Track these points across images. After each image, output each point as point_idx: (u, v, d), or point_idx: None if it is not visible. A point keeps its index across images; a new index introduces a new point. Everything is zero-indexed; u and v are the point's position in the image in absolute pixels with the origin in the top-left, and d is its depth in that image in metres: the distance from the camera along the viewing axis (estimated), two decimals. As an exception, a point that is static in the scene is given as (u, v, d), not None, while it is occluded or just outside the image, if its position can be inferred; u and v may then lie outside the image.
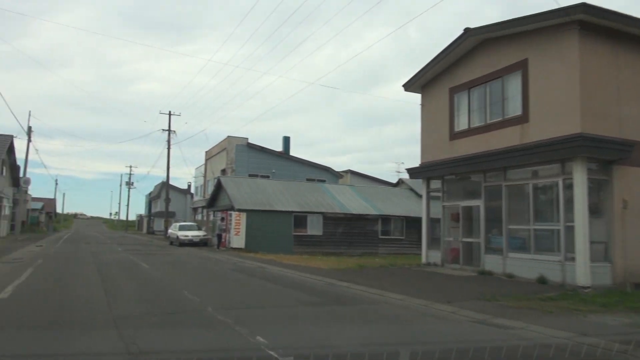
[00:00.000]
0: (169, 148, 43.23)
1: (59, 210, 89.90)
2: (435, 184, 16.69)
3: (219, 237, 26.78)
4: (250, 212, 27.12)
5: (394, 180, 43.22)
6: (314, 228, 28.89)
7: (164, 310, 7.79)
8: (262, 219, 27.33)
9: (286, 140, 40.19)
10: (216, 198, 33.09)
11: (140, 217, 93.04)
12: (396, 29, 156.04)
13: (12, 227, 41.06)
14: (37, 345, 5.47)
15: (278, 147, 41.73)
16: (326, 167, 40.24)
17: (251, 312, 7.92)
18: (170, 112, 43.52)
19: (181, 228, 31.80)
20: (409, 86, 17.14)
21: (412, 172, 17.13)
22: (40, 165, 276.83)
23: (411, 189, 36.13)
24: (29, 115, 29.02)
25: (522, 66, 12.95)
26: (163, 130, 43.53)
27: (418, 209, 33.57)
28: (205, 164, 44.80)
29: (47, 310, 7.68)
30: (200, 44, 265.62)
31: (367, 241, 30.20)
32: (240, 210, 26.90)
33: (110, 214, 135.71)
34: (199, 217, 44.74)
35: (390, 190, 36.44)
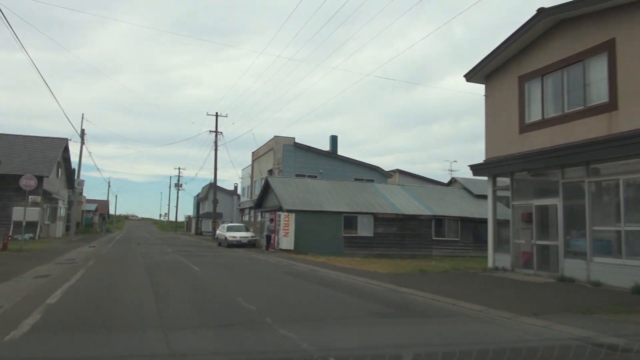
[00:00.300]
0: (215, 149, 43.33)
1: (111, 211, 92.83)
2: (503, 181, 15.31)
3: (268, 238, 26.20)
4: (299, 213, 26.40)
5: (442, 180, 41.64)
6: (365, 229, 27.86)
7: (219, 320, 7.02)
8: (311, 220, 26.57)
9: (333, 140, 39.35)
10: (264, 199, 32.64)
11: (188, 218, 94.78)
12: (440, 26, 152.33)
13: (67, 228, 42.26)
14: (81, 353, 4.97)
15: (323, 147, 41.01)
16: (374, 166, 39.11)
17: (316, 325, 7.02)
18: (217, 113, 43.64)
19: (229, 229, 31.53)
20: (471, 76, 15.86)
21: (475, 169, 15.82)
22: (93, 168, 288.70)
23: (465, 189, 34.48)
24: (82, 118, 29.72)
25: (608, 47, 11.48)
26: (210, 131, 43.73)
27: (473, 209, 32.02)
28: (252, 165, 44.61)
29: (95, 316, 7.08)
30: (245, 48, 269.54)
31: (420, 243, 28.89)
32: (288, 211, 26.23)
33: (160, 215, 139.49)
34: (246, 218, 44.59)
35: (443, 190, 34.89)
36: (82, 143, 29.53)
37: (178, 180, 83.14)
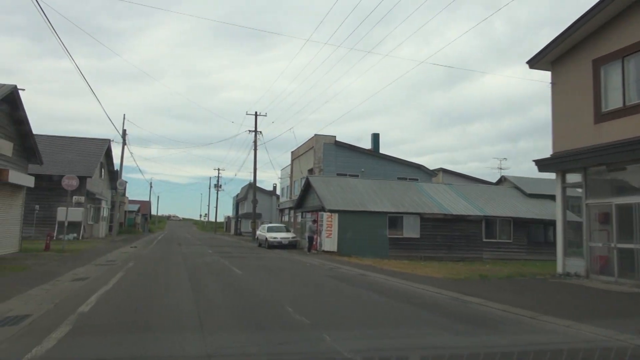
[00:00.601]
0: (255, 149, 42.83)
1: (153, 212, 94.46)
2: (573, 177, 13.77)
3: (310, 239, 25.26)
4: (341, 213, 25.36)
5: (487, 179, 39.67)
6: (411, 230, 26.53)
7: (269, 337, 6.02)
8: (355, 221, 25.47)
9: (375, 138, 38.11)
10: (304, 198, 31.77)
11: (228, 218, 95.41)
12: (480, 22, 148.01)
13: (110, 229, 42.73)
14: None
15: (362, 147, 39.77)
16: (418, 165, 37.63)
17: (387, 345, 5.93)
18: (256, 112, 43.16)
19: (270, 230, 30.81)
20: (535, 63, 14.39)
21: (541, 164, 14.31)
22: (136, 170, 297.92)
23: (516, 187, 32.55)
24: (124, 118, 29.78)
25: None
26: (250, 131, 43.26)
27: (526, 209, 30.11)
28: (292, 165, 43.90)
29: (128, 328, 6.27)
30: (281, 50, 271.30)
31: (470, 245, 27.30)
32: (331, 211, 25.22)
33: (200, 215, 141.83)
34: (285, 218, 43.93)
35: (492, 189, 33.06)
36: (124, 143, 29.55)
37: (217, 181, 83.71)
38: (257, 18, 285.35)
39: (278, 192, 59.56)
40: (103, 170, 36.16)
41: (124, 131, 29.44)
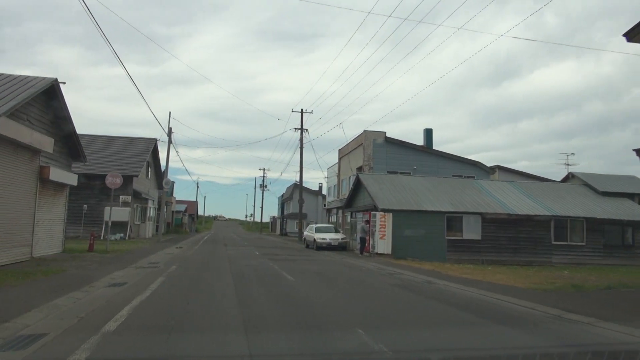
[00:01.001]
0: (301, 146, 41.61)
1: (200, 212, 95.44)
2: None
3: (362, 241, 23.58)
4: (396, 213, 23.56)
5: (547, 178, 36.66)
6: (471, 231, 24.40)
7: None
8: (410, 221, 23.61)
9: (428, 134, 35.96)
10: (354, 198, 30.14)
11: (273, 218, 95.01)
12: (529, 16, 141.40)
13: (157, 229, 42.60)
14: None
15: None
16: (474, 161, 35.23)
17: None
18: (302, 110, 41.93)
19: (318, 230, 29.35)
20: (635, 34, 12.16)
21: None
22: (183, 172, 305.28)
23: (586, 185, 29.70)
24: (169, 116, 29.11)
25: None
26: (295, 129, 42.09)
27: (600, 208, 27.20)
28: (339, 163, 42.35)
29: (163, 350, 4.88)
30: (324, 51, 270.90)
31: (537, 248, 24.87)
32: (384, 211, 23.47)
33: (246, 215, 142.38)
34: (333, 218, 42.44)
35: (560, 187, 30.30)
36: (170, 142, 28.94)
37: (263, 181, 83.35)
38: (302, 20, 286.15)
39: (324, 191, 58.25)
40: (150, 170, 35.86)
41: (170, 129, 28.81)
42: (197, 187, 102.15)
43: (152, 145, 34.40)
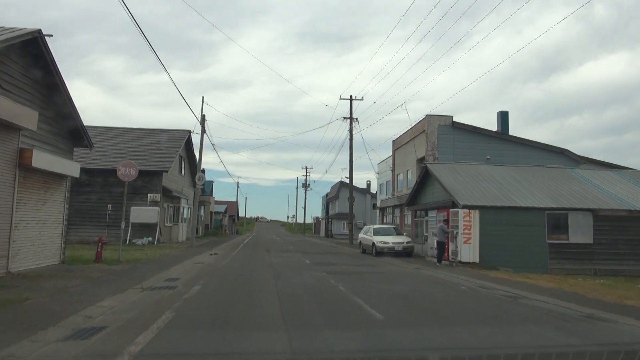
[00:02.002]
0: (351, 137, 36.97)
1: (241, 214, 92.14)
2: None
3: (441, 246, 18.58)
4: (483, 210, 18.49)
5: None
6: (579, 233, 19.03)
7: None
8: (500, 220, 18.50)
9: (504, 117, 30.41)
10: (419, 193, 25.20)
11: (316, 219, 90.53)
12: (579, 8, 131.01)
13: (197, 231, 38.89)
14: None
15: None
16: (561, 149, 29.45)
17: None
18: (351, 97, 37.28)
19: (377, 232, 24.54)
20: None
21: None
22: (224, 174, 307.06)
23: None
24: (202, 101, 24.90)
25: None
26: (344, 118, 37.48)
27: None
28: (393, 156, 37.38)
29: None
30: (365, 51, 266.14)
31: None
32: (468, 207, 18.44)
33: (288, 217, 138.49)
34: (387, 218, 37.49)
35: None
36: (203, 131, 24.82)
37: (305, 180, 79.13)
38: (340, 21, 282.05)
39: (375, 189, 53.31)
40: (183, 166, 32.07)
41: (203, 116, 24.74)
42: (238, 186, 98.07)
43: (185, 138, 30.57)
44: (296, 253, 24.24)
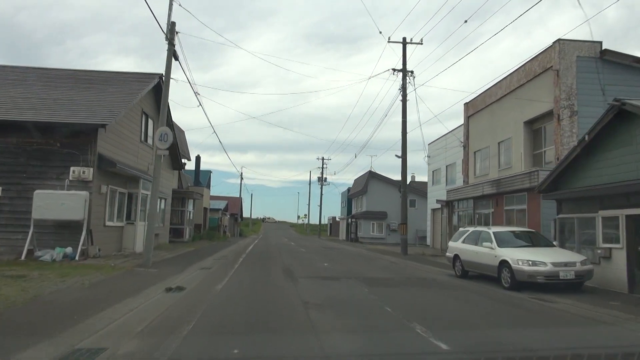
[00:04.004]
0: (404, 96, 25.09)
1: (246, 213, 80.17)
2: None
3: None
4: None
5: None
6: None
7: None
8: None
9: None
10: (579, 169, 13.35)
11: (332, 219, 78.40)
12: (590, 9, 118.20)
13: (176, 233, 27.16)
14: None
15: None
16: None
17: None
18: (404, 38, 25.48)
19: (502, 242, 12.62)
20: None
21: None
22: (231, 175, 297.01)
23: None
24: (170, 3, 13.02)
25: None
26: (394, 70, 25.65)
27: None
28: (467, 125, 25.50)
29: None
30: (373, 52, 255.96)
31: None
32: None
33: (298, 216, 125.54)
34: (454, 219, 25.53)
35: None
36: (171, 52, 13.02)
37: (322, 173, 67.30)
38: (347, 22, 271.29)
39: (424, 178, 41.48)
40: (149, 128, 20.27)
41: (173, 24, 13.00)
42: (241, 178, 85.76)
43: (152, 83, 18.89)
44: (348, 280, 12.38)
